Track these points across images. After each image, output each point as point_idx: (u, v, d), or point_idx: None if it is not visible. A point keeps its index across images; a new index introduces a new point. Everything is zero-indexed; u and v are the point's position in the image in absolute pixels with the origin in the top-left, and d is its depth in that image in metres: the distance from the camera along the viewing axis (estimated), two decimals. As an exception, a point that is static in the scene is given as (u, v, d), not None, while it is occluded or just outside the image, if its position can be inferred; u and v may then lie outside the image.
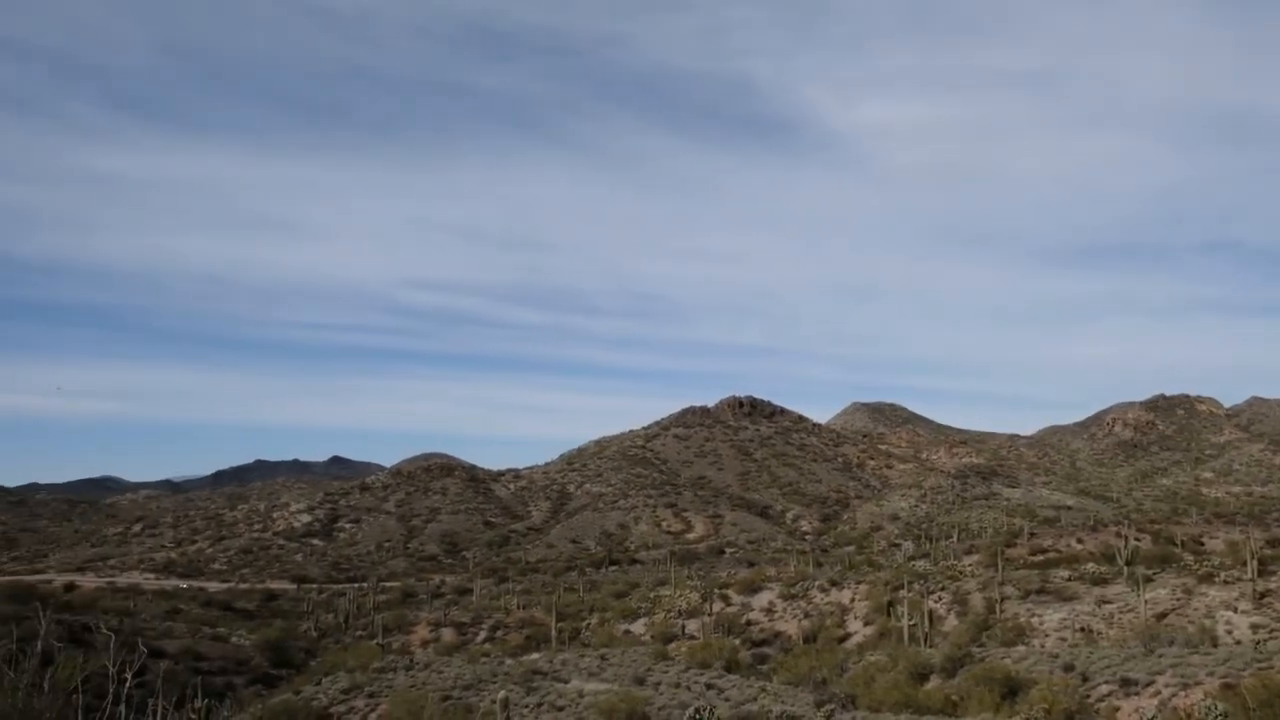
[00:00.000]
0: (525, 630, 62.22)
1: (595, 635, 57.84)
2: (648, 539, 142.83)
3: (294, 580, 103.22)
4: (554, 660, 39.69)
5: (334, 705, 33.54)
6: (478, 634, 63.91)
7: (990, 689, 26.35)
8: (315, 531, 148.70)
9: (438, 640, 61.63)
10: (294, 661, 55.63)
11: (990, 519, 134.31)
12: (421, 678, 35.26)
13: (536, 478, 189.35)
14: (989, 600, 49.89)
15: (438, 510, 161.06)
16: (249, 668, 53.26)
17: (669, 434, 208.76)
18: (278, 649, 56.37)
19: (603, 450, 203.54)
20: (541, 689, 32.05)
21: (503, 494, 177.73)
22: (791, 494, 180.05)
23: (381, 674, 36.53)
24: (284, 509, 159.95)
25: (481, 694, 31.80)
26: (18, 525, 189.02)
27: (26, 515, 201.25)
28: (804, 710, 26.68)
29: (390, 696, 31.90)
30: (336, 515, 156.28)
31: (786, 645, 50.71)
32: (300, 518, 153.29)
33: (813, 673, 34.80)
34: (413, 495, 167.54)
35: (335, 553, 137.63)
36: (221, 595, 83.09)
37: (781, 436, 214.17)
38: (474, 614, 68.82)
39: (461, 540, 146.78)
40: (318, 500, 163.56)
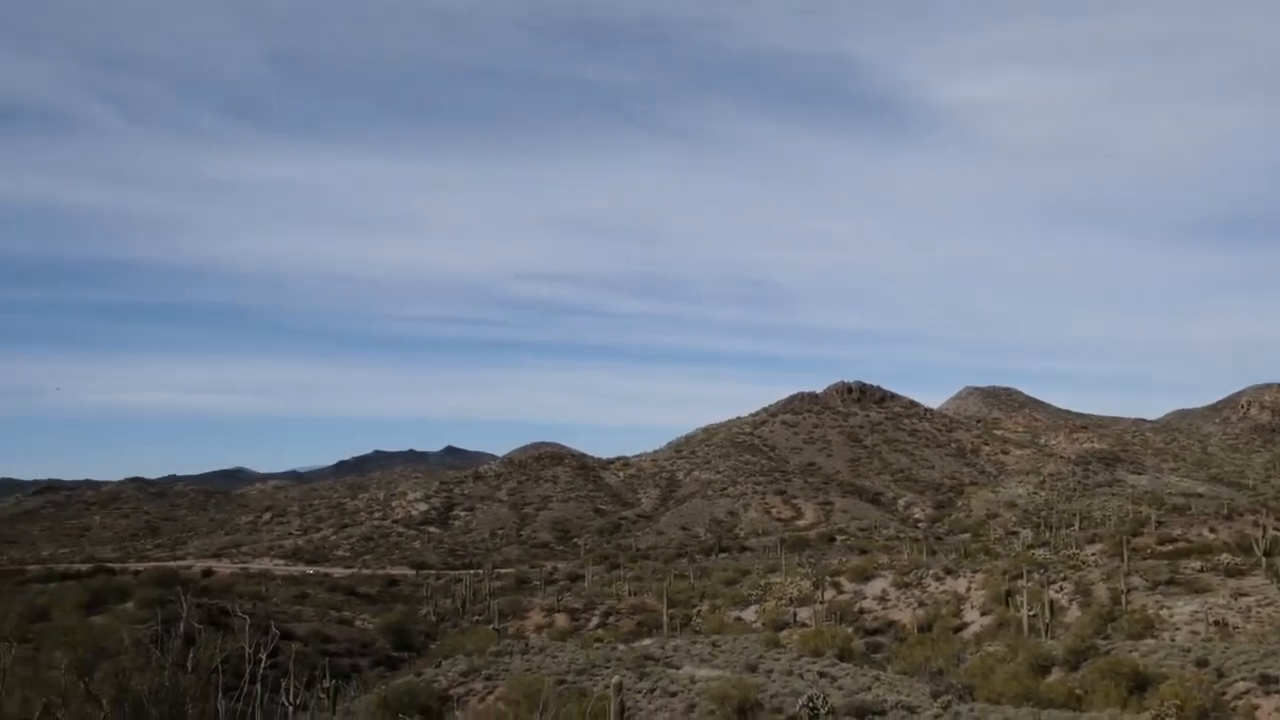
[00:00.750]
0: (637, 616, 62.80)
1: (706, 622, 57.99)
2: (757, 526, 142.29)
3: (413, 566, 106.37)
4: (666, 646, 39.98)
5: (453, 687, 34.52)
6: (590, 620, 64.78)
7: (1117, 683, 25.44)
8: (432, 519, 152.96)
9: (551, 626, 62.73)
10: (414, 645, 57.41)
11: (1114, 507, 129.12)
12: (536, 662, 35.97)
13: (645, 465, 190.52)
14: (1114, 591, 48.08)
15: (549, 498, 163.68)
16: (373, 650, 55.19)
17: (777, 420, 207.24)
18: (399, 632, 58.26)
19: (711, 437, 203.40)
20: (654, 674, 32.34)
21: (612, 481, 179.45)
22: (903, 480, 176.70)
23: (498, 658, 37.39)
24: (402, 497, 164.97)
25: (595, 679, 32.26)
26: (160, 515, 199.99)
27: (167, 506, 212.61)
28: (920, 701, 26.26)
29: (507, 680, 32.65)
30: (452, 503, 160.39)
31: (900, 634, 49.92)
32: (417, 506, 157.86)
33: (928, 663, 34.19)
34: (524, 484, 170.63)
35: (451, 540, 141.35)
36: (345, 580, 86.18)
37: (892, 422, 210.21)
38: (586, 600, 69.79)
39: (573, 527, 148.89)
40: (434, 489, 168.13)
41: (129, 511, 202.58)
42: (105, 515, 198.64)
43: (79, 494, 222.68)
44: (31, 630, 14.82)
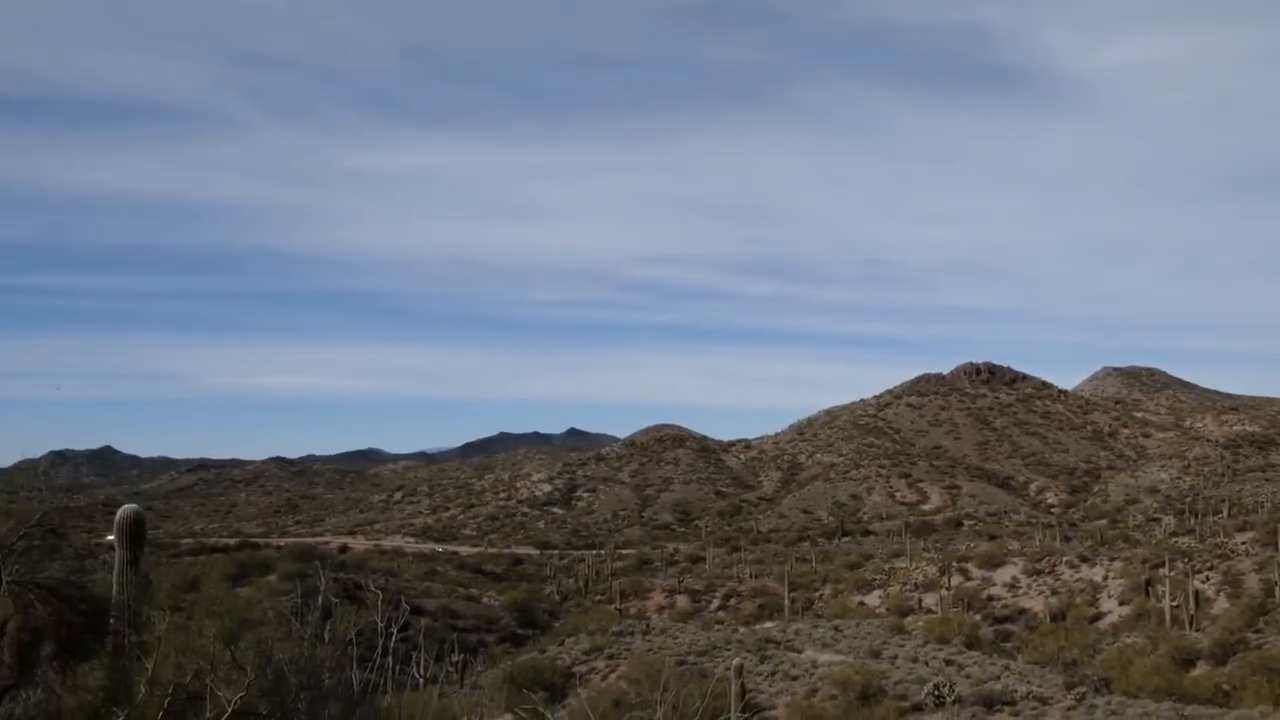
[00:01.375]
0: (758, 599, 62.65)
1: (828, 606, 57.43)
2: (881, 510, 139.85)
3: (537, 546, 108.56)
4: (787, 630, 39.78)
5: (576, 665, 35.18)
6: (711, 602, 64.96)
7: (1270, 679, 24.05)
8: (555, 500, 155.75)
9: (672, 607, 63.17)
10: (539, 622, 58.68)
11: (1268, 493, 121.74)
12: (658, 642, 36.31)
13: (767, 448, 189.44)
14: (1268, 582, 45.40)
15: (670, 480, 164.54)
16: (498, 627, 56.67)
17: (902, 403, 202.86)
18: (524, 610, 59.63)
19: (833, 420, 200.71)
20: (775, 658, 32.24)
21: (733, 464, 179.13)
22: (1035, 464, 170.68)
23: (620, 637, 37.90)
24: (526, 478, 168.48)
25: (716, 660, 32.36)
26: (299, 493, 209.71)
27: (306, 484, 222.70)
28: (1053, 692, 25.41)
29: (628, 659, 33.08)
30: (575, 485, 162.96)
31: (1032, 623, 48.36)
32: (541, 487, 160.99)
33: (1062, 653, 33.03)
34: (646, 465, 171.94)
35: (574, 520, 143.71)
36: (472, 559, 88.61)
37: (1023, 404, 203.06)
38: (707, 582, 70.00)
39: (694, 509, 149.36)
40: (557, 470, 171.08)
41: (271, 489, 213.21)
42: (250, 492, 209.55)
43: (226, 472, 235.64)
44: (184, 600, 15.79)
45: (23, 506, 5.76)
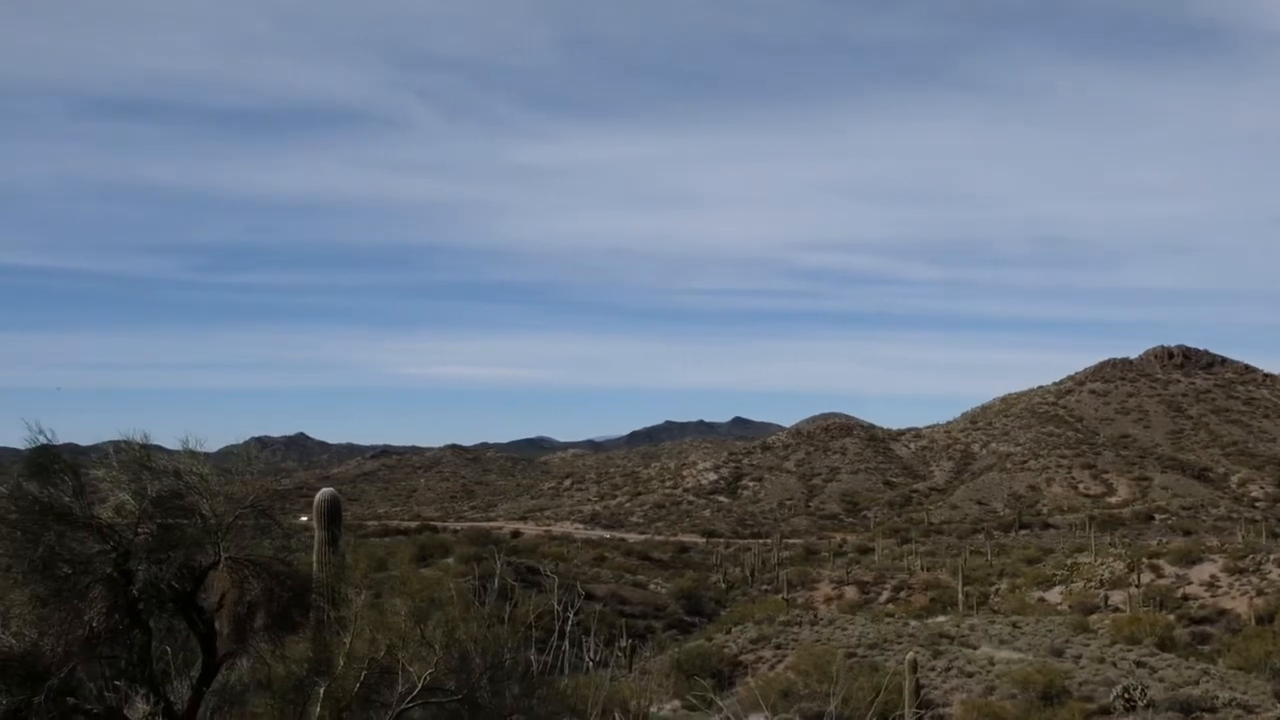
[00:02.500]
0: (929, 592, 60.97)
1: (1005, 601, 55.27)
2: (1062, 502, 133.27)
3: (703, 534, 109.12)
4: (961, 625, 38.54)
5: (743, 654, 35.23)
6: (880, 594, 63.69)
7: None
8: (721, 489, 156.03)
9: (840, 598, 62.29)
10: (705, 610, 59.08)
11: None
12: (826, 634, 35.91)
13: (938, 437, 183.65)
14: None
15: (837, 469, 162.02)
16: (665, 614, 57.40)
17: (1084, 389, 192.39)
18: (691, 598, 60.15)
19: (1009, 407, 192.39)
20: (949, 653, 31.33)
21: (903, 453, 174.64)
22: (1237, 455, 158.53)
23: (787, 627, 37.69)
24: (692, 467, 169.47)
25: (886, 654, 31.72)
26: (473, 479, 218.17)
27: (480, 470, 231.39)
28: (1259, 700, 23.67)
29: (797, 650, 32.86)
30: (740, 473, 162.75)
31: (1234, 625, 45.09)
32: (707, 475, 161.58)
33: (1269, 658, 30.67)
34: (812, 454, 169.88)
35: (740, 509, 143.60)
36: (639, 546, 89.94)
37: (1223, 390, 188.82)
38: (876, 573, 68.64)
39: (862, 499, 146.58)
40: (722, 459, 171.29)
41: (448, 475, 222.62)
42: (429, 478, 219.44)
43: (407, 458, 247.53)
44: (372, 579, 16.73)
45: (237, 488, 6.25)
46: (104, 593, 5.87)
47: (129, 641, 6.15)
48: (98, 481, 6.31)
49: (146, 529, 6.01)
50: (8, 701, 6.03)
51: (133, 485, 6.08)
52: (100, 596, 5.85)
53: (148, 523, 6.02)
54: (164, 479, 6.15)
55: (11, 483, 5.96)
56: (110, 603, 5.86)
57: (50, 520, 5.76)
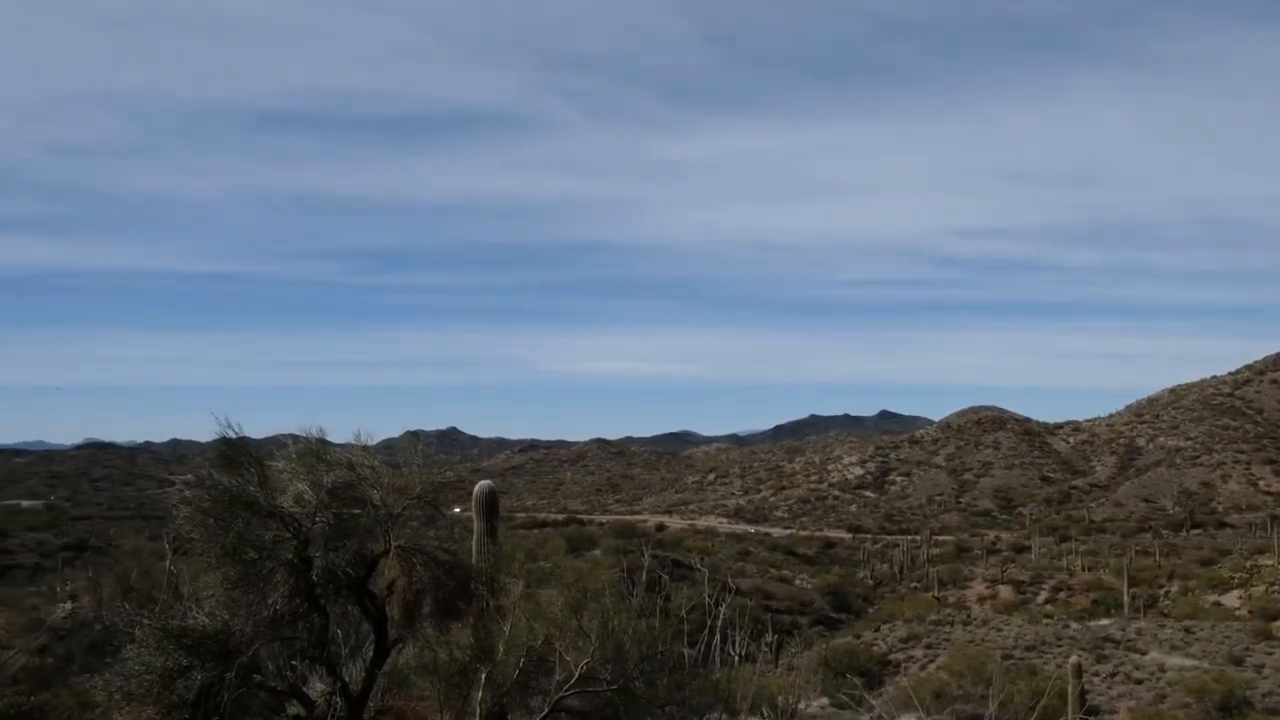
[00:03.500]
0: (1091, 594, 58.20)
1: (1176, 605, 52.23)
2: (1239, 500, 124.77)
3: (849, 530, 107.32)
4: (1127, 629, 36.65)
5: (893, 652, 34.53)
6: (1037, 594, 61.21)
7: None
8: (867, 483, 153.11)
9: (994, 598, 60.17)
10: (852, 607, 58.11)
11: None
12: (980, 634, 34.81)
13: (1099, 430, 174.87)
14: None
15: (990, 464, 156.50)
16: (811, 609, 56.75)
17: (1265, 379, 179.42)
18: (837, 594, 59.29)
19: (1178, 399, 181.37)
20: (1114, 658, 29.88)
21: (1060, 448, 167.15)
22: None
23: (938, 626, 36.71)
24: (837, 461, 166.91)
25: (1045, 657, 30.52)
26: (618, 472, 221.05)
27: (625, 464, 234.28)
28: None
29: (949, 650, 31.98)
30: (887, 468, 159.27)
31: None
32: (853, 470, 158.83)
33: None
34: (963, 449, 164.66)
35: (887, 504, 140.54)
36: (784, 541, 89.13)
37: None
38: (1033, 573, 65.97)
39: (1016, 495, 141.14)
40: (869, 454, 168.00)
41: (594, 469, 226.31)
42: (575, 471, 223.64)
43: (554, 452, 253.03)
44: (527, 570, 17.24)
45: (404, 480, 6.55)
46: (286, 577, 6.27)
47: (308, 624, 6.54)
48: (277, 473, 6.72)
49: (323, 518, 6.38)
50: (203, 677, 6.51)
51: (310, 476, 6.46)
52: (283, 581, 6.25)
53: (324, 512, 6.39)
54: (338, 470, 6.51)
55: (204, 473, 6.43)
56: (291, 587, 6.25)
57: (238, 509, 6.18)
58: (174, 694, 6.56)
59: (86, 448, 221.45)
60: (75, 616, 21.44)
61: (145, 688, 6.61)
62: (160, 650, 6.55)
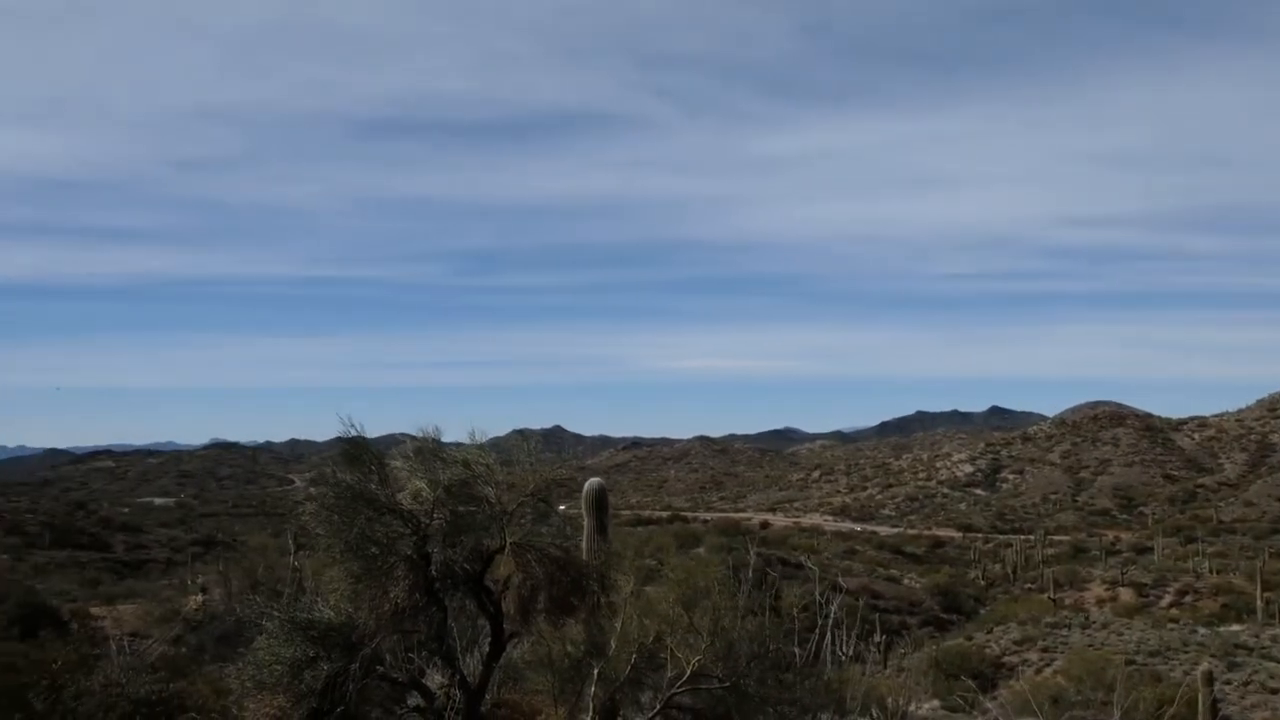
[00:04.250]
0: (1220, 598, 55.51)
1: (1315, 611, 49.35)
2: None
3: (959, 528, 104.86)
4: (1261, 635, 34.82)
5: (1006, 655, 33.58)
6: (1161, 597, 58.69)
7: None
8: (977, 481, 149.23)
9: (1114, 600, 57.92)
10: (963, 608, 56.71)
11: None
12: (1099, 638, 33.58)
13: (1227, 426, 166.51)
14: None
15: (1108, 462, 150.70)
16: (920, 609, 55.61)
17: None
18: (947, 594, 57.96)
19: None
20: (1247, 666, 28.46)
21: (1185, 445, 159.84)
22: None
23: (1054, 629, 35.55)
24: (946, 458, 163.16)
25: (1170, 663, 29.27)
26: (721, 470, 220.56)
27: (728, 462, 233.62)
28: None
29: (1066, 654, 30.96)
30: (998, 465, 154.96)
31: None
32: (962, 467, 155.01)
33: None
34: (1079, 446, 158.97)
35: (999, 503, 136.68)
36: (891, 539, 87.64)
37: None
38: (1156, 575, 63.26)
39: (1137, 494, 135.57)
40: (979, 450, 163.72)
41: (696, 466, 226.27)
42: (678, 469, 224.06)
43: (657, 450, 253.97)
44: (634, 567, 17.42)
45: (518, 477, 6.68)
46: (406, 572, 6.48)
47: (428, 617, 6.74)
48: (396, 471, 6.95)
49: (440, 515, 6.57)
50: (329, 668, 6.77)
51: (427, 474, 6.66)
52: (403, 576, 6.46)
53: (441, 509, 6.57)
54: (454, 468, 6.69)
55: (327, 471, 6.70)
56: (412, 582, 6.45)
57: (361, 505, 6.41)
58: (302, 684, 6.84)
59: (213, 448, 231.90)
60: (206, 609, 22.51)
61: (275, 677, 6.91)
62: (289, 642, 6.84)
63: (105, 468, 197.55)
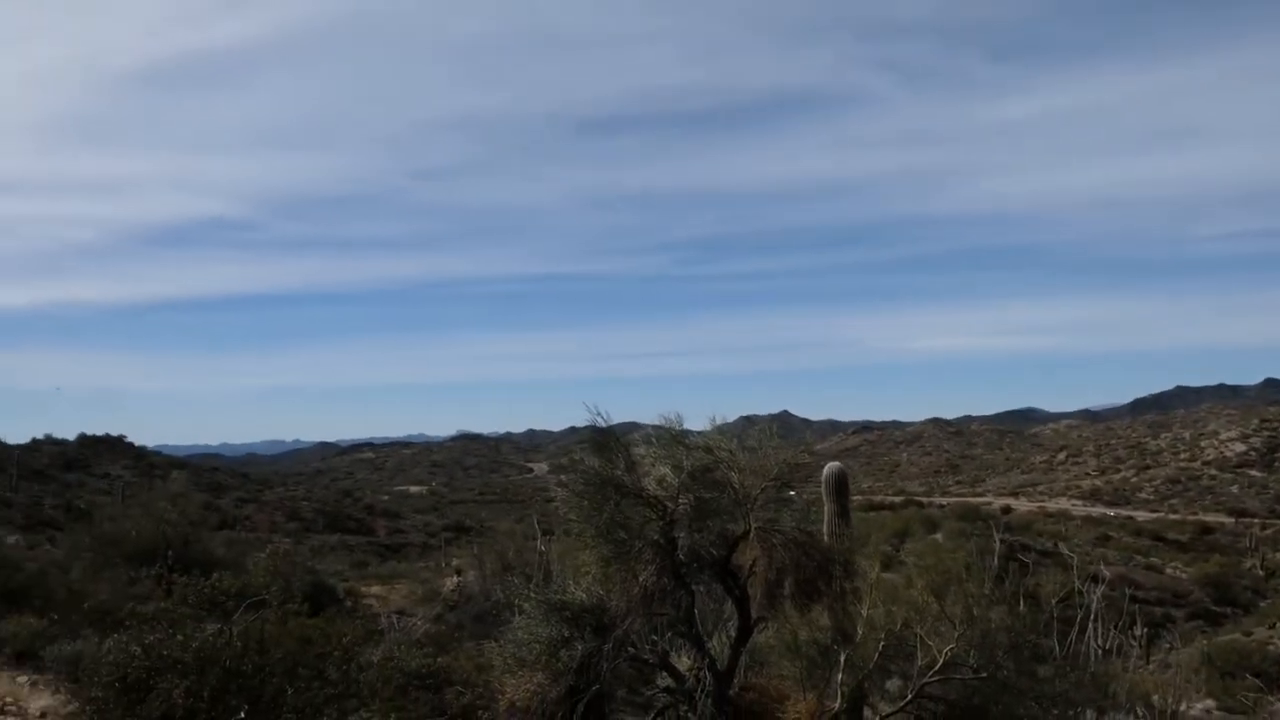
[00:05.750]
0: None
1: None
2: None
3: (1230, 513, 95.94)
4: None
5: (1295, 653, 30.45)
6: None
7: None
8: (1251, 461, 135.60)
9: None
10: (1239, 600, 51.97)
11: None
12: None
13: None
14: None
15: None
16: (1187, 601, 51.40)
17: None
18: (1218, 585, 53.28)
19: None
20: None
21: None
22: None
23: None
24: (1213, 437, 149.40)
25: None
26: (957, 453, 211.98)
27: (964, 444, 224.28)
28: None
29: (1370, 653, 27.69)
30: (1276, 444, 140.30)
31: None
32: (1233, 446, 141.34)
33: None
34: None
35: (1277, 485, 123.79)
36: (1150, 525, 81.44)
37: None
38: None
39: None
40: (1252, 427, 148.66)
41: (930, 449, 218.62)
42: (910, 453, 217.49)
43: (888, 433, 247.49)
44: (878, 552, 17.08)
45: (760, 462, 6.70)
46: (653, 557, 6.66)
47: (675, 601, 6.90)
48: (640, 458, 7.14)
49: (685, 500, 6.70)
50: (583, 647, 7.08)
51: (671, 460, 6.80)
52: (651, 560, 6.65)
53: (685, 494, 6.70)
54: (697, 454, 6.80)
55: (577, 458, 6.99)
56: (659, 566, 6.63)
57: (609, 491, 6.65)
58: (559, 662, 7.18)
59: (459, 439, 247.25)
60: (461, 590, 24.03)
61: (534, 655, 7.29)
62: (545, 622, 7.20)
63: (366, 459, 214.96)
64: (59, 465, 59.19)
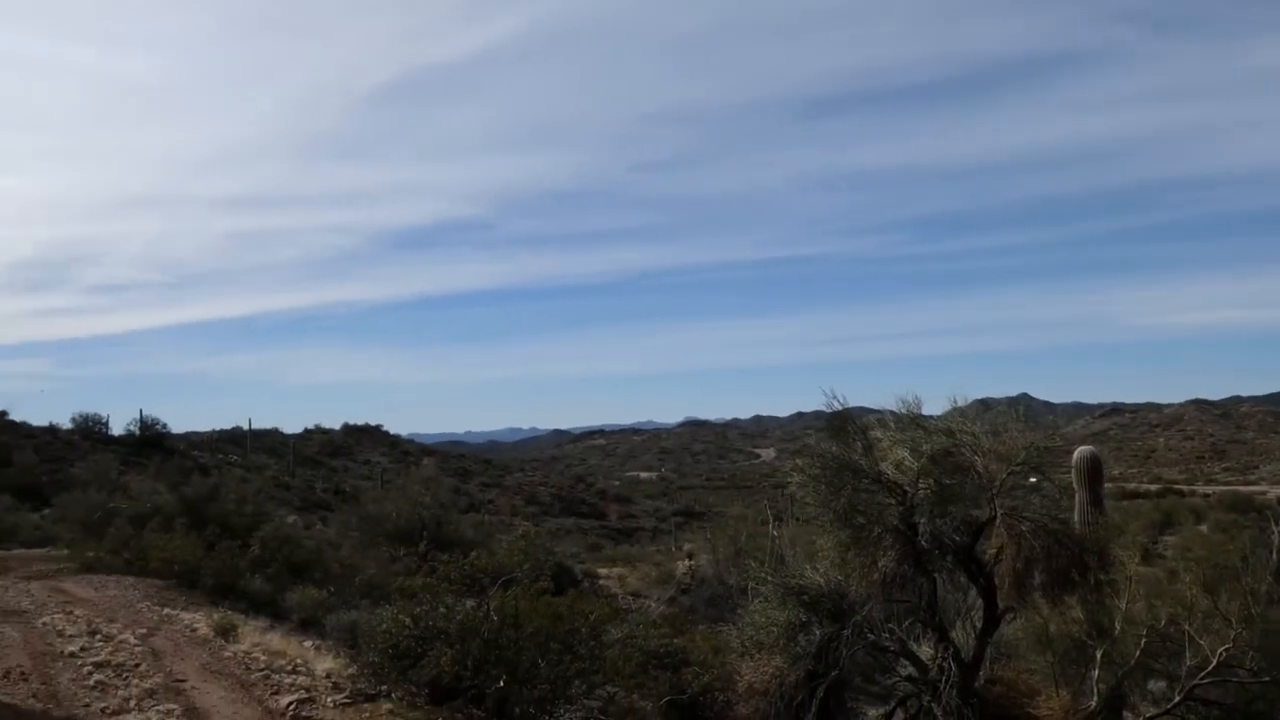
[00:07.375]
0: None
1: None
2: None
3: None
4: None
5: None
6: None
7: None
8: None
9: None
10: None
11: None
12: None
13: None
14: None
15: None
16: None
17: None
18: None
19: None
20: None
21: None
22: None
23: None
24: None
25: None
26: (1224, 437, 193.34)
27: (1232, 427, 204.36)
28: None
29: None
30: None
31: None
32: None
33: None
34: None
35: None
36: None
37: None
38: None
39: None
40: None
41: (1191, 433, 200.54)
42: (1168, 437, 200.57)
43: (1141, 416, 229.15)
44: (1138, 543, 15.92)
45: (1006, 445, 6.43)
46: (893, 542, 6.54)
47: (916, 588, 6.75)
48: (876, 441, 7.02)
49: (925, 485, 6.53)
50: (821, 632, 7.06)
51: (909, 444, 6.65)
52: (890, 545, 6.53)
53: (925, 479, 6.53)
54: (937, 438, 6.61)
55: (814, 442, 6.96)
56: (899, 552, 6.50)
57: (847, 476, 6.58)
58: (797, 646, 7.20)
59: (687, 425, 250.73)
60: (694, 573, 24.43)
61: (772, 639, 7.34)
62: (783, 605, 7.23)
63: (598, 445, 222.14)
64: (327, 452, 64.99)
